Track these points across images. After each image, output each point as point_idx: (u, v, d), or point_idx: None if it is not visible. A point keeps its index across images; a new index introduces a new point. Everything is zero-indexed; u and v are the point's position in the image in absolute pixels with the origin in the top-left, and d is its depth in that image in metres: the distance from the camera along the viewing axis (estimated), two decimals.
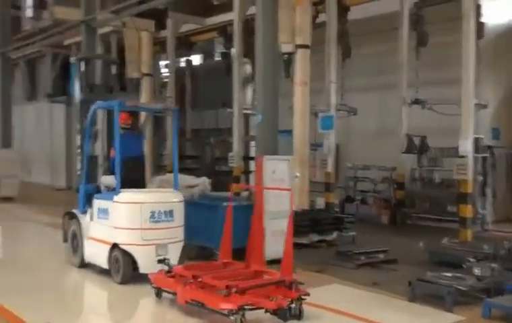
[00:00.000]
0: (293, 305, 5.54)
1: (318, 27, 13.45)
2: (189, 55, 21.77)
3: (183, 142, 21.98)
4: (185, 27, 19.31)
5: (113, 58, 15.79)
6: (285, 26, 11.23)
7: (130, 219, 7.25)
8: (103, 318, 6.66)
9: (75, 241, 8.34)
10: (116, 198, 7.37)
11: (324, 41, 13.47)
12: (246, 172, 17.26)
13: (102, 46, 20.46)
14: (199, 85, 22.35)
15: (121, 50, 16.94)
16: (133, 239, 7.21)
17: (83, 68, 9.03)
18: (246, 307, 5.34)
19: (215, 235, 8.02)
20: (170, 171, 16.60)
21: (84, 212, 8.19)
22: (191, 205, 8.62)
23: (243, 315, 5.30)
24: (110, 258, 7.42)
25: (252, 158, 15.59)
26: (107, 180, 8.04)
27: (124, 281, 7.26)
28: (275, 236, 8.49)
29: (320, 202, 12.86)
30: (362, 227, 12.10)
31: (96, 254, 7.81)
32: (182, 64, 22.21)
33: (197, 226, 8.58)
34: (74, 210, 8.43)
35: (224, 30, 18.33)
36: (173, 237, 7.52)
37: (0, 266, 9.11)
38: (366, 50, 16.07)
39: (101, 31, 19.11)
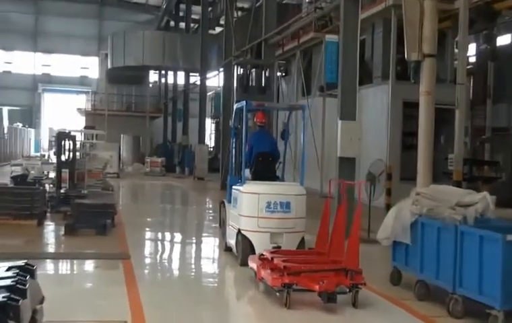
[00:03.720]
0: (338, 290, 6.13)
1: None
2: (491, 30, 17.03)
3: (480, 143, 17.64)
4: None
5: (267, 62, 15.23)
6: None
7: (249, 207, 8.09)
8: (204, 292, 7.49)
9: (223, 226, 9.42)
10: (241, 188, 8.26)
11: None
12: None
13: (382, 24, 17.89)
14: (507, 69, 17.51)
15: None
16: (251, 225, 8.05)
17: (239, 72, 10.27)
18: (294, 287, 6.16)
19: (490, 284, 5.65)
20: (456, 181, 13.09)
21: (229, 201, 8.96)
22: (455, 232, 6.12)
23: (288, 293, 6.16)
24: (236, 242, 8.39)
25: None
26: (246, 173, 8.68)
27: (243, 263, 7.92)
28: None
29: None
30: None
31: (231, 237, 8.74)
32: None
33: (462, 266, 6.01)
34: (224, 200, 9.42)
35: None
36: (288, 227, 8.05)
37: None
38: None
39: (379, 7, 17.24)
